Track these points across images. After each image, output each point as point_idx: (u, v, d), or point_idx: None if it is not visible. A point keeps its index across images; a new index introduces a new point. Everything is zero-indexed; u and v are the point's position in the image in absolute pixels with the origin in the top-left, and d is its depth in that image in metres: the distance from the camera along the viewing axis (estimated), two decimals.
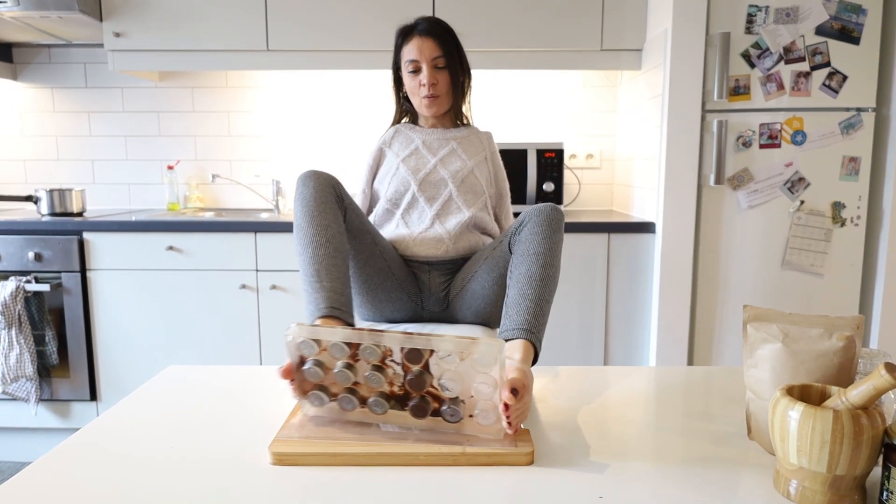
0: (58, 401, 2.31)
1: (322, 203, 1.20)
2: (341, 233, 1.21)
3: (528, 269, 1.15)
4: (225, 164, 2.82)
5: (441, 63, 1.50)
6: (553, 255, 1.17)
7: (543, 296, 1.11)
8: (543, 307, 1.10)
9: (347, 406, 0.85)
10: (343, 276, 1.13)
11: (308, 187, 1.22)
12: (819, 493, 0.65)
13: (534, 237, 1.19)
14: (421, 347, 0.81)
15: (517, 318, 1.08)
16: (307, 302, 1.11)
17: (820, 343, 0.75)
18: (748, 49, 2.07)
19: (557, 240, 1.20)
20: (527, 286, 1.12)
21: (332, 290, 1.10)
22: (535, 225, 1.21)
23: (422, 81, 1.50)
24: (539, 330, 1.07)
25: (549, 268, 1.15)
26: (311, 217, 1.18)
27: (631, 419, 0.90)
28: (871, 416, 0.63)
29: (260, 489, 0.69)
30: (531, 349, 1.03)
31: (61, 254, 2.23)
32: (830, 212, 2.14)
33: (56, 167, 2.83)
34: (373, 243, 1.38)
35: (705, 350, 2.24)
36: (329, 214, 1.20)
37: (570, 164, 2.79)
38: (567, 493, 0.69)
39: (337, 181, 1.27)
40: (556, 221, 1.21)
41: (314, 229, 1.17)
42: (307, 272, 1.13)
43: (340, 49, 2.38)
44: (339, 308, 1.09)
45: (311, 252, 1.14)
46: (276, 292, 2.26)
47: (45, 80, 2.77)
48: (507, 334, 1.07)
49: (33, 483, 0.71)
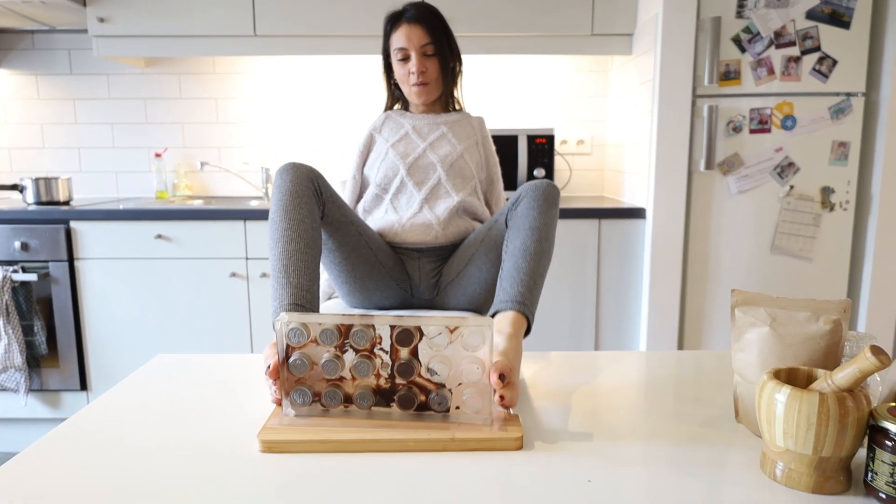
0: (48, 391, 2.30)
1: (298, 197, 1.19)
2: (315, 228, 1.19)
3: (522, 243, 1.16)
4: (213, 152, 2.80)
5: (430, 50, 1.49)
6: (548, 229, 1.19)
7: (537, 269, 1.13)
8: (537, 280, 1.12)
9: (332, 401, 0.85)
10: (311, 273, 1.13)
11: (285, 180, 1.21)
12: (805, 475, 0.66)
13: (530, 212, 1.20)
14: (410, 326, 0.81)
15: (510, 291, 1.09)
16: (272, 297, 1.10)
17: (807, 326, 0.75)
18: (739, 34, 2.06)
19: (553, 215, 1.22)
20: (521, 259, 1.14)
21: (298, 287, 1.09)
22: (531, 200, 1.22)
23: (410, 69, 1.49)
24: (532, 302, 1.09)
25: (543, 242, 1.17)
26: (285, 211, 1.17)
27: (620, 403, 0.91)
28: (857, 398, 0.63)
29: (249, 477, 0.69)
30: (523, 321, 1.04)
31: (48, 243, 2.21)
32: (820, 197, 2.15)
33: (41, 155, 2.80)
34: (357, 234, 1.37)
35: (695, 334, 2.25)
36: (304, 209, 1.19)
37: (561, 150, 2.78)
38: (556, 476, 0.69)
39: (317, 174, 1.26)
40: (552, 197, 1.23)
41: (286, 223, 1.16)
42: (276, 266, 1.12)
43: (329, 34, 2.36)
44: (303, 305, 1.08)
45: (282, 247, 1.13)
46: (266, 281, 2.26)
47: (28, 66, 2.73)
48: (499, 306, 1.08)
49: (23, 471, 0.70)
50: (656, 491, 0.66)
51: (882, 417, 0.63)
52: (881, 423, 0.62)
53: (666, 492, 0.66)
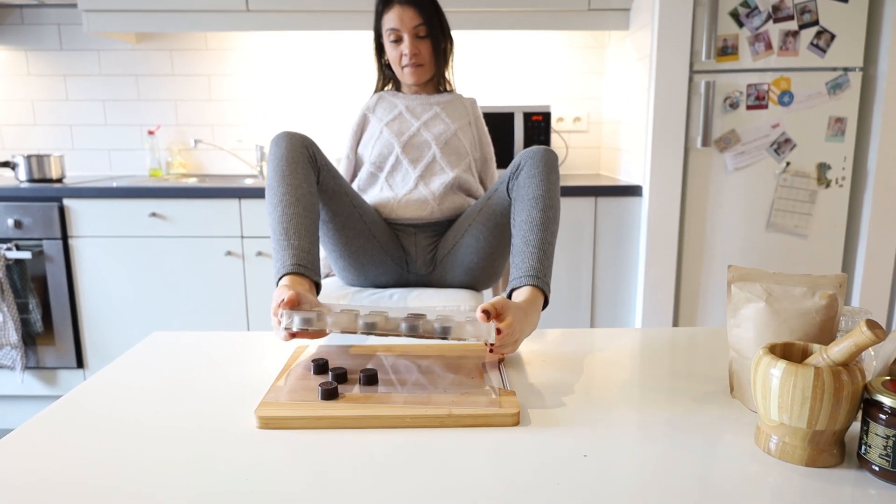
0: (44, 368, 2.31)
1: (294, 163, 1.21)
2: (312, 193, 1.21)
3: (528, 215, 1.17)
4: (207, 129, 2.77)
5: (422, 31, 1.49)
6: (551, 196, 1.20)
7: (546, 238, 1.14)
8: (547, 250, 1.13)
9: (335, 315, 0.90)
10: (312, 235, 1.15)
11: (280, 147, 1.22)
12: (799, 448, 0.66)
13: (531, 180, 1.21)
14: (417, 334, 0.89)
15: (522, 267, 1.11)
16: (274, 259, 1.12)
17: (803, 302, 0.76)
18: (737, 8, 2.04)
19: (554, 180, 1.22)
20: (529, 232, 1.15)
21: (299, 249, 1.11)
22: (531, 167, 1.23)
23: (403, 51, 1.49)
24: (545, 273, 1.10)
25: (549, 210, 1.18)
26: (282, 177, 1.19)
27: (616, 380, 0.91)
28: (852, 372, 0.64)
29: (246, 453, 0.69)
30: (539, 294, 1.06)
31: (42, 221, 2.19)
32: (816, 173, 2.14)
33: (33, 132, 2.77)
34: (351, 205, 1.37)
35: (690, 312, 2.26)
36: (300, 174, 1.20)
37: (558, 128, 2.77)
38: (552, 452, 0.70)
39: (311, 141, 1.27)
40: (551, 162, 1.24)
41: (284, 188, 1.17)
42: (276, 230, 1.14)
43: (322, 9, 2.32)
44: (306, 266, 1.10)
45: (281, 211, 1.15)
46: (262, 259, 2.25)
47: (18, 42, 2.69)
48: (514, 283, 1.10)
49: (19, 448, 0.70)
50: (652, 465, 0.67)
51: (876, 391, 0.63)
52: (875, 396, 0.63)
53: (661, 465, 0.66)
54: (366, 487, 0.63)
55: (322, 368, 0.89)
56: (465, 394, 0.82)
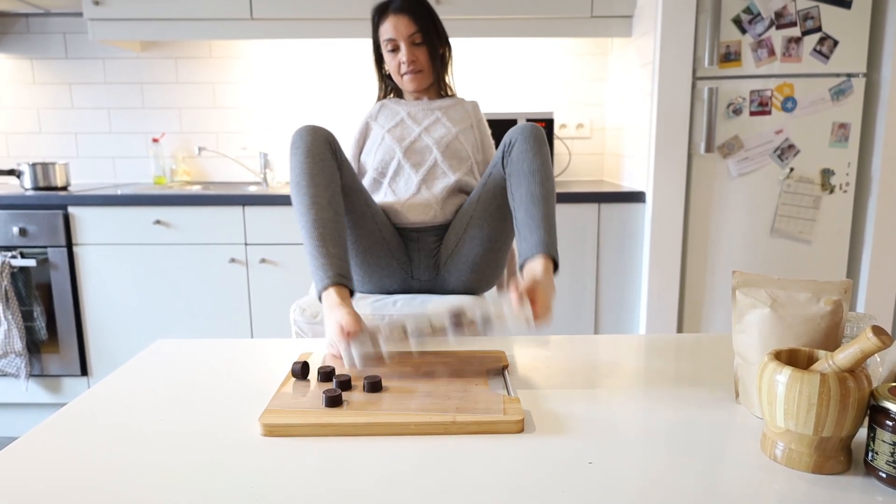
0: (49, 376, 2.31)
1: (321, 161, 1.22)
2: (338, 193, 1.23)
3: (528, 189, 1.24)
4: (211, 137, 2.78)
5: (418, 39, 1.51)
6: (546, 168, 1.26)
7: (548, 210, 1.22)
8: (550, 220, 1.21)
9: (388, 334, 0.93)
10: (343, 242, 1.18)
11: (305, 141, 1.23)
12: (805, 455, 0.66)
13: (525, 154, 1.27)
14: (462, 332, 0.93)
15: (531, 239, 1.18)
16: (314, 268, 1.14)
17: (808, 307, 0.75)
18: (739, 14, 2.04)
19: (546, 153, 1.28)
20: (531, 205, 1.22)
21: (337, 258, 1.14)
22: (523, 142, 1.28)
23: (401, 59, 1.51)
24: (552, 243, 1.18)
25: (546, 182, 1.25)
26: (310, 175, 1.20)
27: (620, 386, 0.91)
28: (858, 378, 0.63)
29: (250, 460, 0.69)
30: (550, 262, 1.15)
31: (47, 228, 2.20)
32: (819, 179, 2.14)
33: (38, 140, 2.78)
34: (365, 204, 1.39)
35: (695, 318, 2.25)
36: (327, 174, 1.22)
37: (560, 134, 2.77)
38: (557, 459, 0.69)
39: (333, 137, 1.29)
40: (540, 136, 1.30)
41: (315, 189, 1.19)
42: (311, 235, 1.15)
43: (325, 17, 2.33)
44: (344, 275, 1.13)
45: (315, 215, 1.16)
46: (265, 266, 2.25)
47: (23, 50, 2.71)
48: (525, 255, 1.18)
49: (23, 456, 0.70)
50: (657, 472, 0.66)
51: (883, 397, 0.63)
52: (882, 403, 0.62)
53: (666, 472, 0.66)
54: (370, 495, 0.62)
55: (328, 376, 0.89)
56: (470, 401, 0.82)
